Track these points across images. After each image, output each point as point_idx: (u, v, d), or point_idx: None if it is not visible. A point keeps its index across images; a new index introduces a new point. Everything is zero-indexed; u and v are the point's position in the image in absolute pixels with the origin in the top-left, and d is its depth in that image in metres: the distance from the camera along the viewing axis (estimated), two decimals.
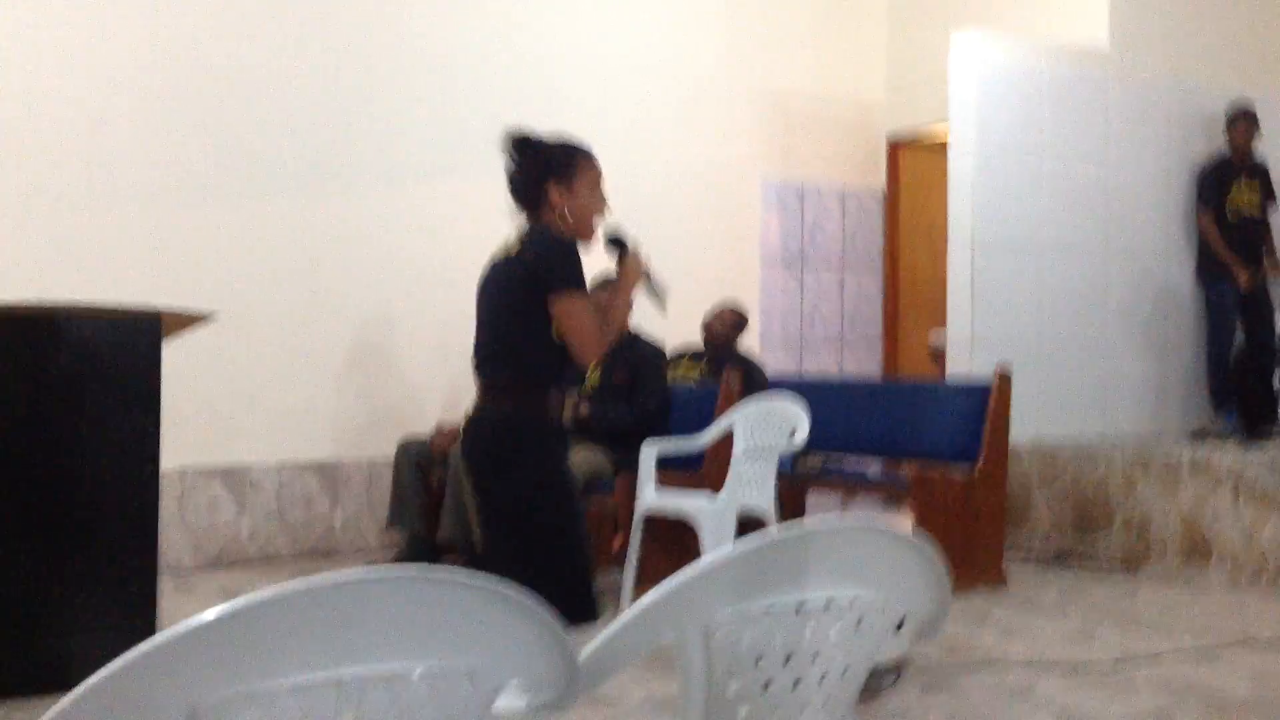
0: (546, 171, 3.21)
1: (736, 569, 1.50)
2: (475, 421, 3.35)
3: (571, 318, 3.13)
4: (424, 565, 1.23)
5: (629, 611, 1.44)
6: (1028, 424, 6.74)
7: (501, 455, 3.20)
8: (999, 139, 7.13)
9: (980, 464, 5.89)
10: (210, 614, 1.13)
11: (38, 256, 5.71)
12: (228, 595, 5.52)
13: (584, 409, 5.70)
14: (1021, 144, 7.21)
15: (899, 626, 1.67)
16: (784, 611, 1.53)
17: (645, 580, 5.11)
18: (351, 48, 6.65)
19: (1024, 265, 7.21)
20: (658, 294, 3.45)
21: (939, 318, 7.57)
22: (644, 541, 5.20)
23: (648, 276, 3.36)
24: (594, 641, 1.43)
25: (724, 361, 6.61)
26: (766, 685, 1.54)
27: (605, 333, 3.20)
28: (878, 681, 3.76)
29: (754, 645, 1.52)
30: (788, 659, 1.54)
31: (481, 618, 1.29)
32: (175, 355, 4.37)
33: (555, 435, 3.26)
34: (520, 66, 7.14)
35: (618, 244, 3.26)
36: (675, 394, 6.14)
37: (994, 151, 7.12)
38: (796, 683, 1.56)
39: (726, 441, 5.44)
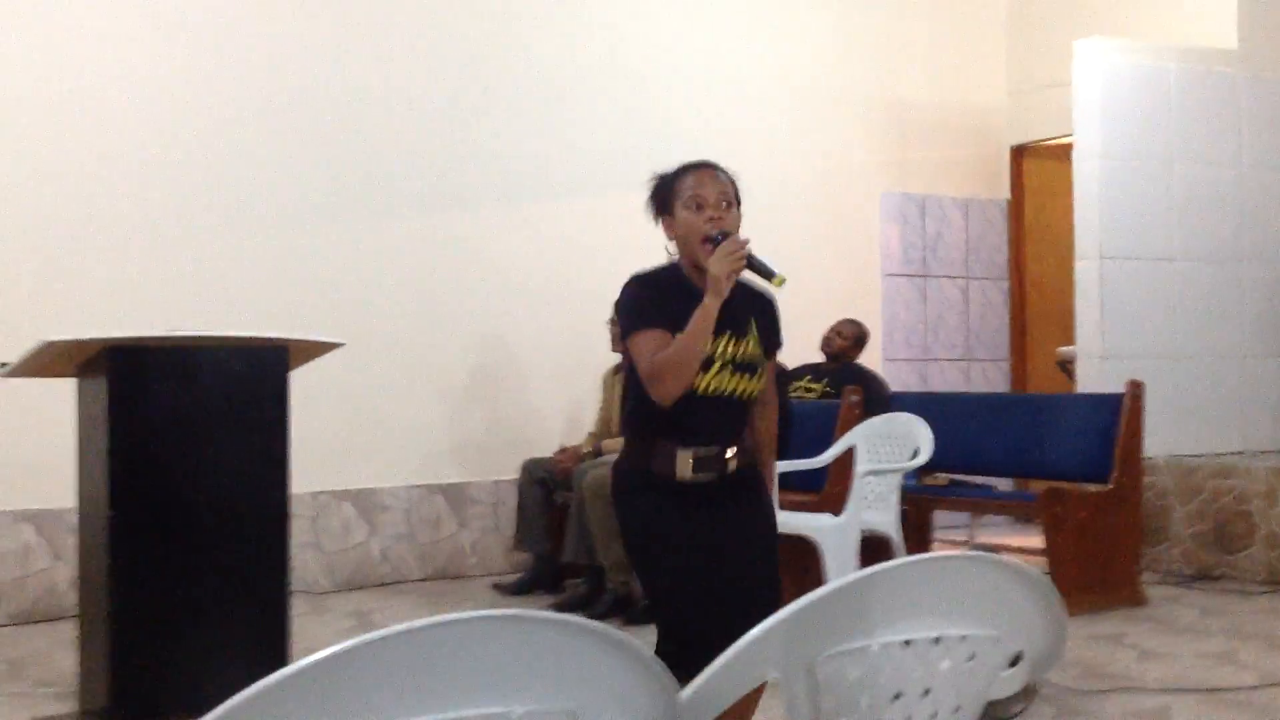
0: (655, 210, 3.07)
1: (840, 603, 1.48)
2: None
3: (634, 359, 2.89)
4: (522, 609, 1.24)
5: (731, 648, 1.43)
6: (1162, 438, 6.55)
7: (614, 502, 3.11)
8: (1125, 145, 6.95)
9: (1113, 480, 5.73)
10: (317, 656, 1.16)
11: (165, 287, 5.89)
12: (359, 618, 5.64)
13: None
14: (1149, 149, 7.02)
15: (1013, 662, 1.63)
16: (892, 647, 1.51)
17: None
18: (468, 70, 6.76)
19: (1155, 273, 7.01)
20: (764, 272, 2.92)
21: (1067, 328, 7.40)
22: None
23: (749, 262, 2.98)
24: (697, 679, 1.42)
25: (844, 378, 6.55)
26: None
27: (662, 366, 2.81)
28: (1006, 708, 3.68)
29: (861, 682, 1.50)
30: (896, 696, 1.52)
31: (583, 657, 1.30)
32: (305, 379, 4.48)
33: (653, 487, 2.91)
34: (635, 84, 7.18)
35: (715, 243, 2.94)
36: (795, 411, 6.10)
37: (1120, 158, 6.95)
38: (907, 719, 1.54)
39: (848, 459, 5.39)
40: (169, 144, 6.00)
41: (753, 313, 2.95)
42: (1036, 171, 8.55)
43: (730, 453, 2.91)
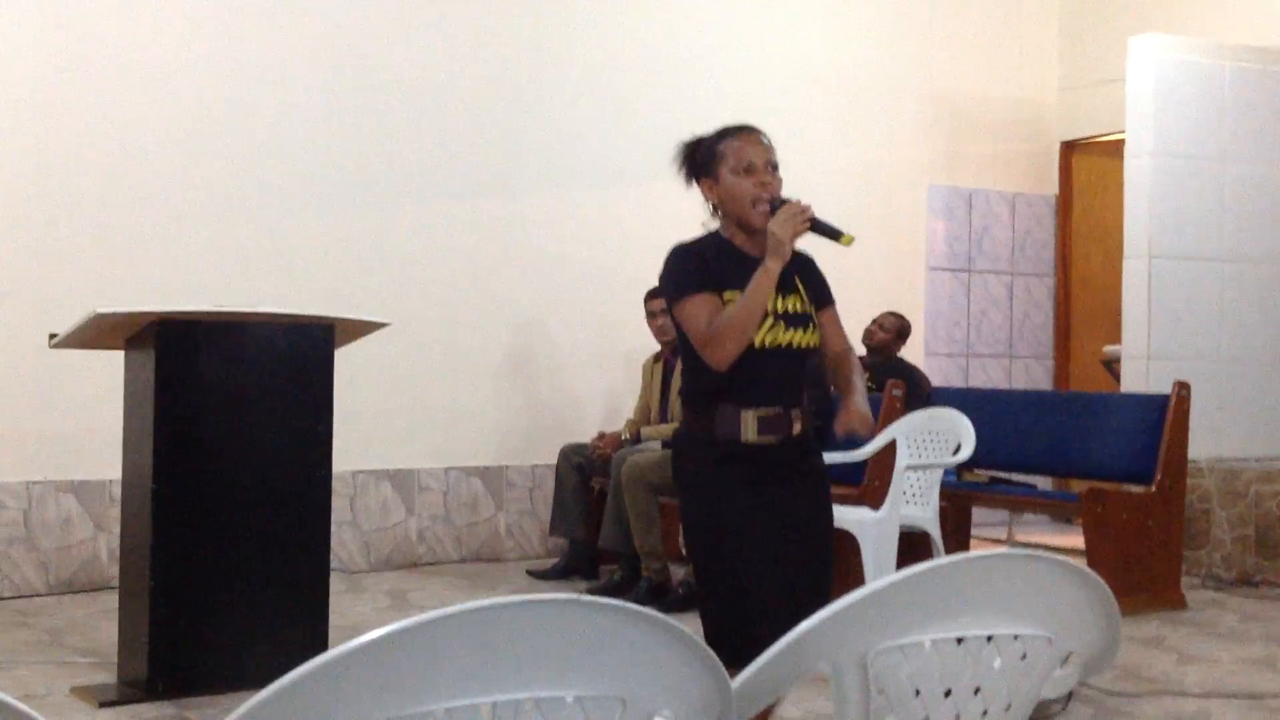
0: (691, 172, 3.05)
1: (895, 598, 1.47)
2: None
3: (683, 324, 2.88)
4: (578, 594, 1.24)
5: (783, 639, 1.42)
6: (1207, 440, 6.47)
7: (673, 475, 3.08)
8: (1178, 143, 6.86)
9: (1157, 481, 5.67)
10: (372, 635, 1.15)
11: (214, 263, 5.93)
12: (396, 597, 5.66)
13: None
14: (1202, 148, 6.93)
15: (1065, 661, 1.61)
16: (944, 644, 1.49)
17: None
18: (518, 55, 6.75)
19: (1205, 274, 6.93)
20: (831, 233, 2.92)
21: (1113, 326, 7.33)
22: None
23: (814, 225, 2.97)
24: (748, 669, 1.41)
25: (886, 371, 6.51)
26: (926, 718, 1.51)
27: (722, 328, 2.79)
28: (1044, 709, 3.65)
29: (913, 678, 1.49)
30: (948, 693, 1.51)
31: (635, 644, 1.29)
32: (347, 359, 4.50)
33: (722, 455, 2.87)
34: (684, 72, 7.16)
35: (774, 207, 2.93)
36: (836, 403, 6.06)
37: (1173, 156, 6.86)
38: (957, 717, 1.52)
39: (889, 453, 5.36)
40: (223, 123, 6.02)
41: (795, 270, 2.96)
42: (1086, 168, 8.46)
43: (794, 414, 2.91)
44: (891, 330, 6.84)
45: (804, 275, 3.01)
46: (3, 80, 5.56)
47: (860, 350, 6.83)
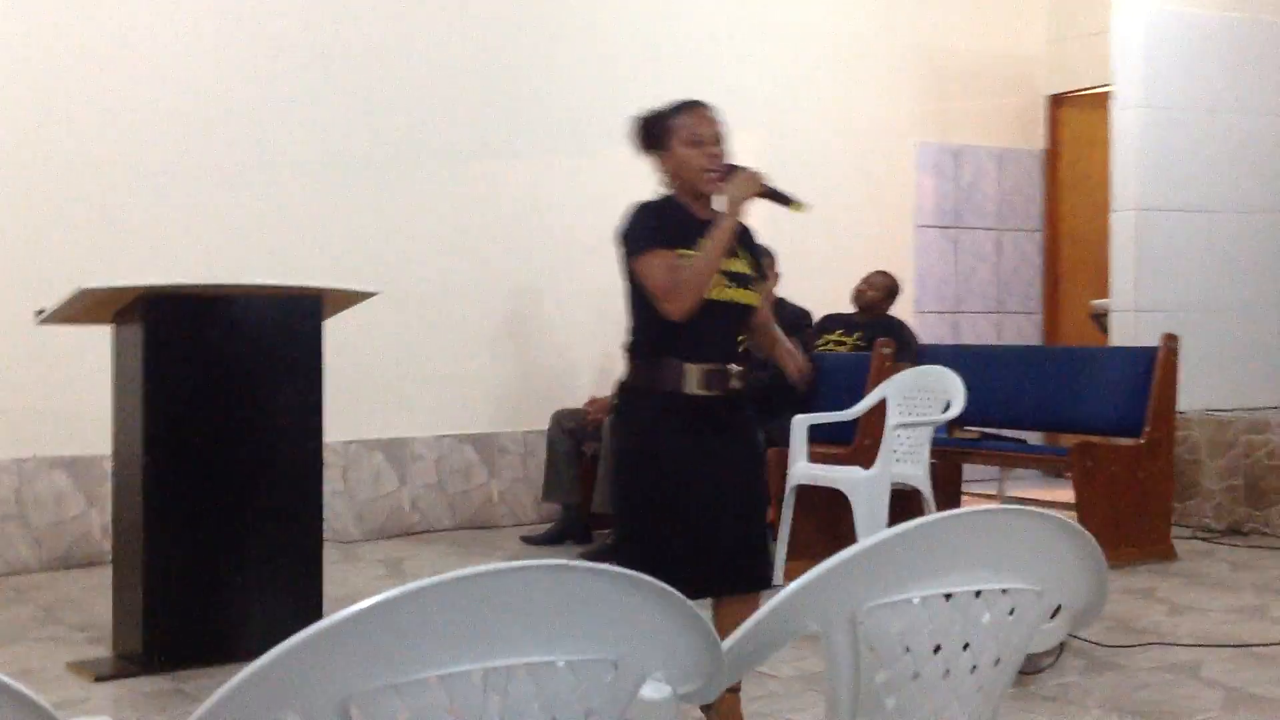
0: (645, 145, 3.24)
1: (882, 556, 1.48)
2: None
3: (643, 278, 3.09)
4: (567, 560, 1.24)
5: (773, 600, 1.43)
6: (1196, 393, 6.49)
7: (613, 421, 3.28)
8: (1166, 94, 6.85)
9: (1146, 434, 5.70)
10: (361, 605, 1.16)
11: (200, 236, 5.90)
12: (390, 566, 5.68)
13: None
14: (1190, 99, 6.91)
15: (1054, 615, 1.62)
16: (933, 600, 1.50)
17: (797, 553, 5.09)
18: (508, 20, 6.70)
19: (1193, 226, 6.93)
20: (786, 200, 3.15)
21: (1101, 281, 7.34)
22: (795, 513, 5.17)
23: (768, 192, 3.16)
24: (738, 631, 1.42)
25: (875, 329, 6.52)
26: (915, 675, 1.52)
27: (682, 281, 3.00)
28: (1036, 661, 3.68)
29: (902, 634, 1.50)
30: (937, 649, 1.52)
31: (626, 608, 1.30)
32: (337, 329, 4.49)
33: (662, 404, 3.08)
34: (675, 34, 7.11)
35: (727, 174, 3.13)
36: (826, 363, 6.08)
37: (1161, 107, 6.85)
38: (946, 673, 1.53)
39: (879, 412, 5.37)
40: (207, 93, 5.98)
41: (740, 237, 3.19)
42: (1074, 121, 8.44)
43: (732, 369, 3.13)
44: (881, 289, 6.84)
45: (746, 243, 3.22)
46: None
47: (851, 309, 6.84)
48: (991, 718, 1.61)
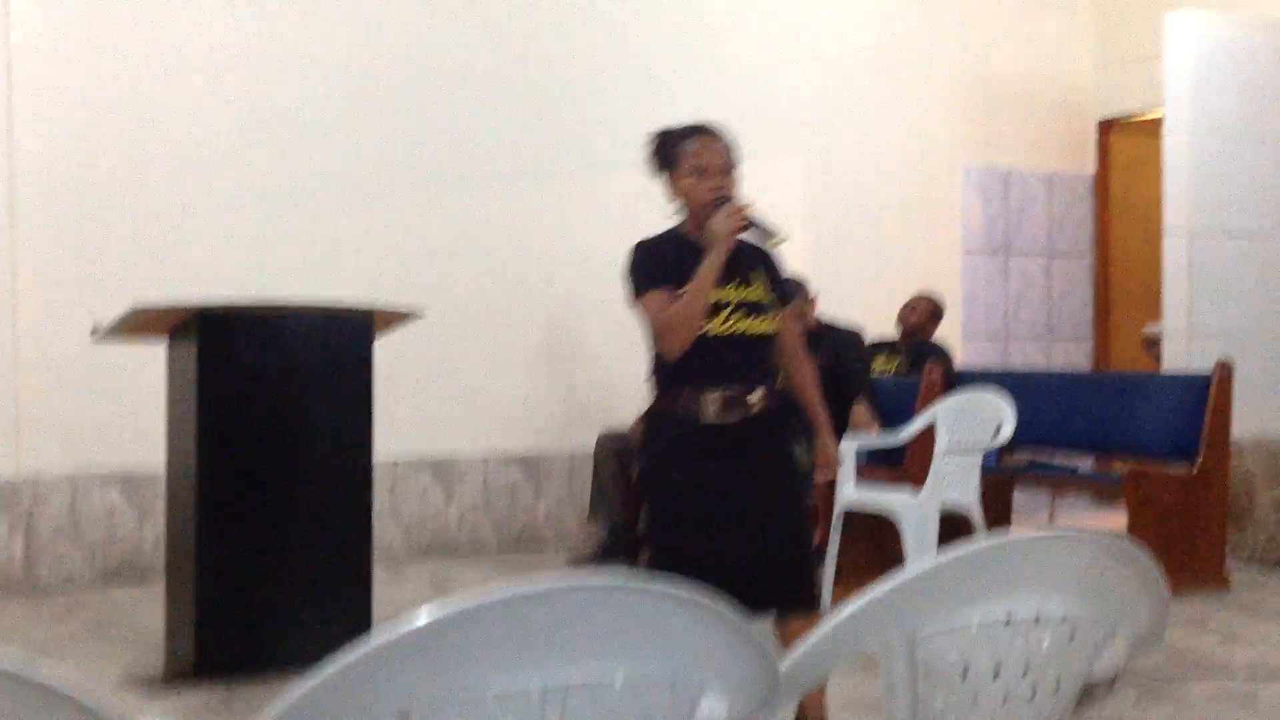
0: (656, 167, 3.24)
1: (943, 578, 1.47)
2: None
3: (642, 320, 3.17)
4: (626, 574, 1.24)
5: (832, 619, 1.42)
6: (1251, 419, 6.39)
7: (641, 448, 3.32)
8: (1217, 119, 6.78)
9: (1200, 460, 5.62)
10: (422, 618, 1.16)
11: (253, 254, 5.96)
12: (437, 584, 5.69)
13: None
14: (1242, 124, 6.84)
15: (1114, 641, 1.60)
16: (992, 624, 1.49)
17: (844, 577, 5.05)
18: (549, 41, 6.75)
19: (1246, 251, 6.85)
20: (767, 232, 3.12)
21: (1153, 306, 7.26)
22: (843, 538, 5.14)
23: (752, 226, 3.13)
24: (796, 650, 1.41)
25: (919, 353, 6.48)
26: (974, 700, 1.50)
27: (671, 320, 3.04)
28: (1090, 692, 3.63)
29: (961, 658, 1.48)
30: (996, 673, 1.50)
31: (684, 626, 1.30)
32: (385, 349, 4.51)
33: (682, 432, 3.12)
34: (717, 54, 7.13)
35: (718, 206, 3.08)
36: (876, 384, 6.05)
37: (1212, 132, 6.78)
38: (1005, 698, 1.52)
39: (928, 436, 5.34)
40: (260, 115, 6.06)
41: (758, 261, 3.20)
42: (1124, 146, 8.38)
43: (753, 395, 3.12)
44: (924, 313, 6.81)
45: (766, 267, 3.21)
46: (44, 73, 5.61)
47: (894, 333, 6.81)
48: None
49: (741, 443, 3.12)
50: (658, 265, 3.15)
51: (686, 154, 3.13)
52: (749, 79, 7.11)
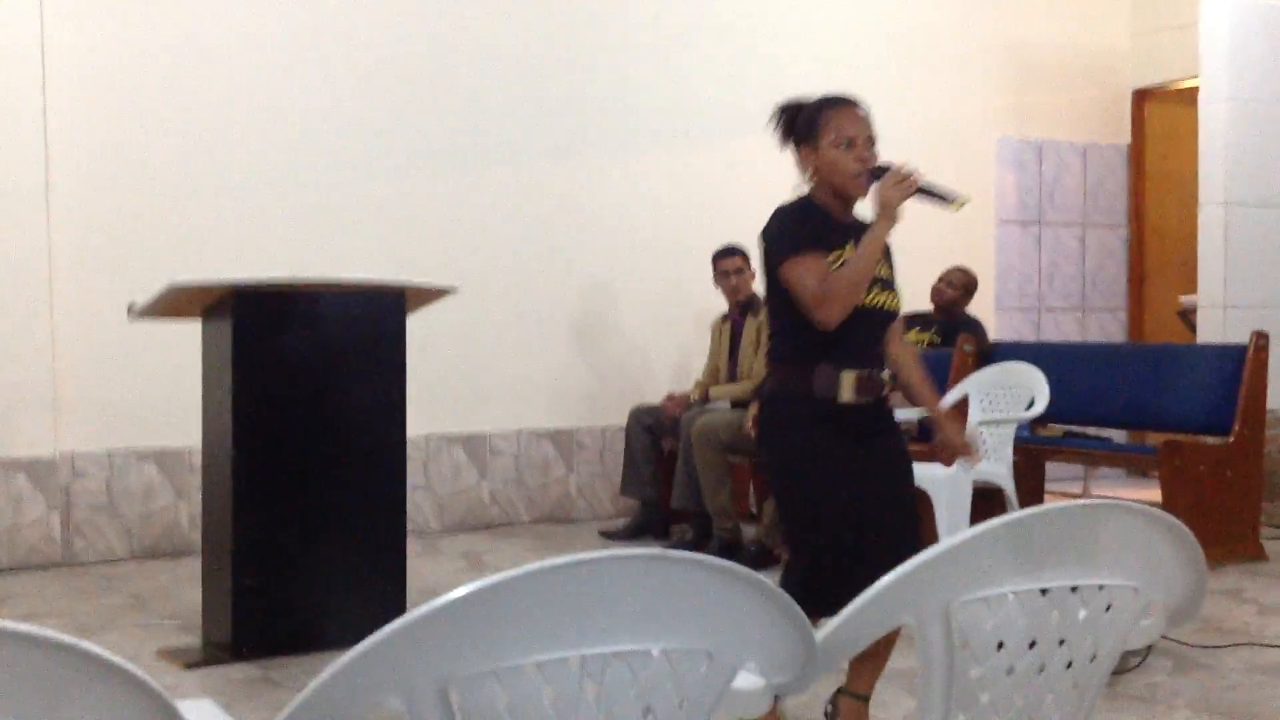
0: (792, 137, 3.10)
1: (978, 550, 1.46)
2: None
3: (791, 284, 2.94)
4: (663, 548, 1.24)
5: (867, 592, 1.43)
6: None
7: (762, 433, 3.09)
8: (1253, 87, 6.70)
9: (1235, 432, 5.59)
10: (462, 591, 1.17)
11: (286, 233, 6.00)
12: (471, 559, 5.73)
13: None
14: (1278, 92, 6.76)
15: (1150, 611, 1.60)
16: (1028, 595, 1.49)
17: None
18: (583, 19, 6.73)
19: None
20: (943, 197, 3.01)
21: (1187, 277, 7.20)
22: None
23: (923, 191, 2.99)
24: (832, 622, 1.42)
25: (952, 326, 6.45)
26: (1010, 670, 1.50)
27: (836, 287, 2.86)
28: (1124, 662, 3.63)
29: (997, 629, 1.48)
30: (1032, 644, 1.50)
31: (721, 598, 1.30)
32: (418, 325, 4.54)
33: (818, 413, 2.94)
34: (750, 30, 7.10)
35: (877, 175, 2.98)
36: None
37: (1248, 101, 6.71)
38: (1041, 668, 1.52)
39: (961, 409, 5.32)
40: (293, 94, 6.08)
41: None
42: (1159, 115, 8.30)
43: (884, 374, 3.00)
44: (959, 286, 6.78)
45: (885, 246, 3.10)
46: (80, 55, 5.64)
47: (927, 306, 6.78)
48: (1087, 715, 1.59)
49: (870, 425, 2.99)
50: (808, 231, 2.98)
51: (829, 124, 2.99)
52: (781, 54, 7.07)
